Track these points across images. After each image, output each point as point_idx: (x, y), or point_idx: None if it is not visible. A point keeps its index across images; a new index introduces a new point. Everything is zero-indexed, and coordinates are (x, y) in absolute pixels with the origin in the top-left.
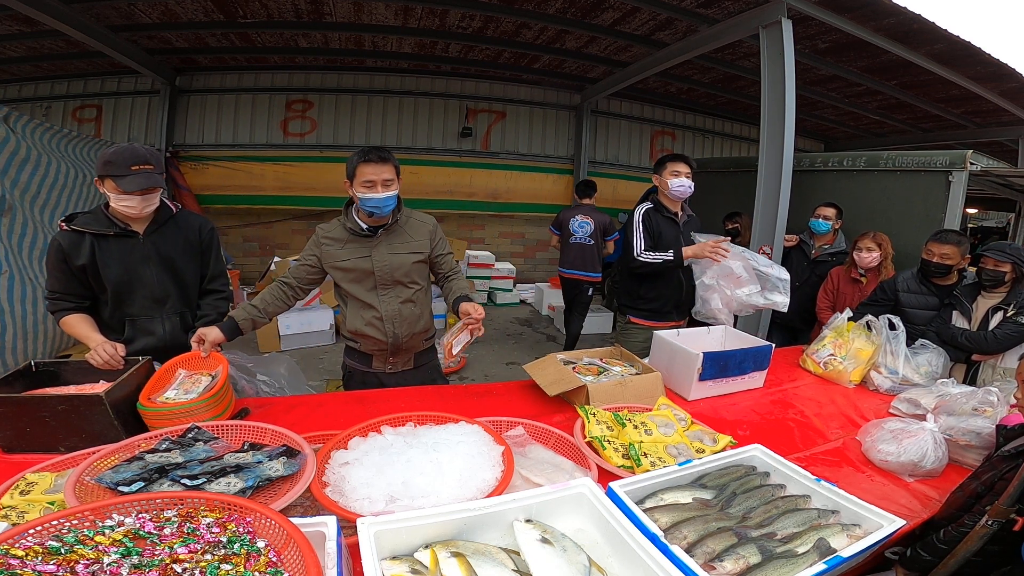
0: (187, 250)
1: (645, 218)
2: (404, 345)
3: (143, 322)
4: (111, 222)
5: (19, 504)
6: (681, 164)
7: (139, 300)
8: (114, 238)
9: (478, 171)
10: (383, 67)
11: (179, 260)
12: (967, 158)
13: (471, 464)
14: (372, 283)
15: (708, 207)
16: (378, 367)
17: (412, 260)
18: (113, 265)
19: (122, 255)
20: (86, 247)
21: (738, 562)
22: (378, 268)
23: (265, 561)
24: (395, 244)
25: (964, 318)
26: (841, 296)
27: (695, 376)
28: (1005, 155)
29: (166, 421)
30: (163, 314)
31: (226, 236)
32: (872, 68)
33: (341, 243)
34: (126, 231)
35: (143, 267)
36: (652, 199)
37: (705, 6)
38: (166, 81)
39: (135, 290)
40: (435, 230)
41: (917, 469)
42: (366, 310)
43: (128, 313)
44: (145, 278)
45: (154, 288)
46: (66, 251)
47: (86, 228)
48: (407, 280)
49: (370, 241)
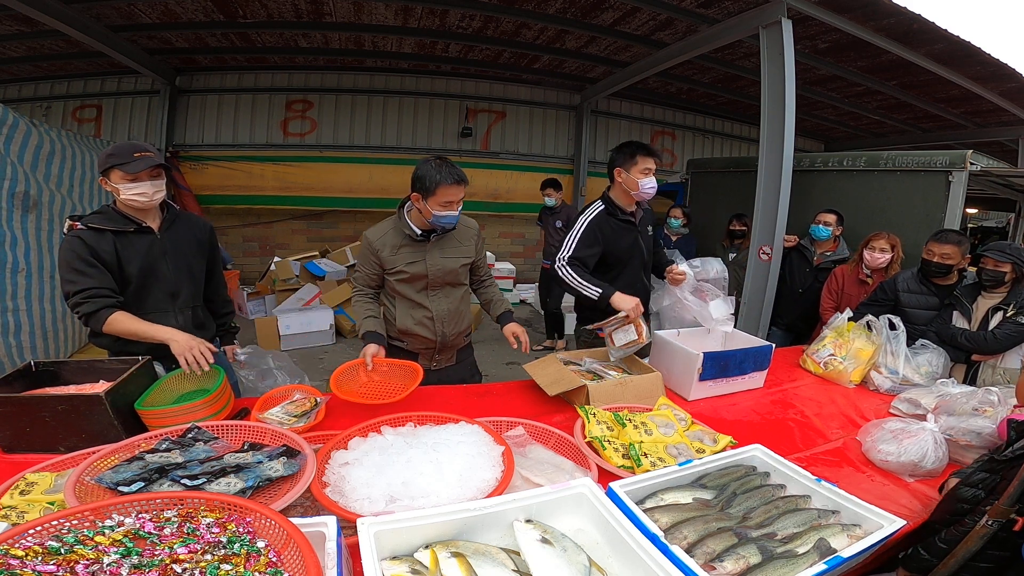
0: (197, 247)
1: (592, 228)
2: (450, 343)
3: (158, 316)
4: (127, 219)
5: (19, 504)
6: (653, 160)
7: (155, 295)
8: (134, 234)
9: (478, 171)
10: (383, 67)
11: (190, 256)
12: (967, 158)
13: (471, 464)
14: (424, 284)
15: (708, 207)
16: (423, 363)
17: (461, 263)
18: (135, 260)
19: (142, 251)
20: (108, 244)
21: (738, 562)
22: (431, 271)
23: (265, 561)
24: (446, 248)
25: (964, 318)
26: (846, 297)
27: (695, 376)
28: (1005, 155)
29: (165, 421)
30: (176, 308)
31: (226, 236)
32: (872, 68)
33: (395, 248)
34: (143, 227)
35: (160, 262)
36: (604, 198)
37: (705, 6)
38: (166, 81)
39: (152, 285)
40: (478, 235)
41: (917, 469)
42: (417, 310)
43: (144, 308)
44: (162, 273)
45: (169, 283)
46: (91, 246)
47: (105, 225)
48: (455, 281)
49: (423, 246)
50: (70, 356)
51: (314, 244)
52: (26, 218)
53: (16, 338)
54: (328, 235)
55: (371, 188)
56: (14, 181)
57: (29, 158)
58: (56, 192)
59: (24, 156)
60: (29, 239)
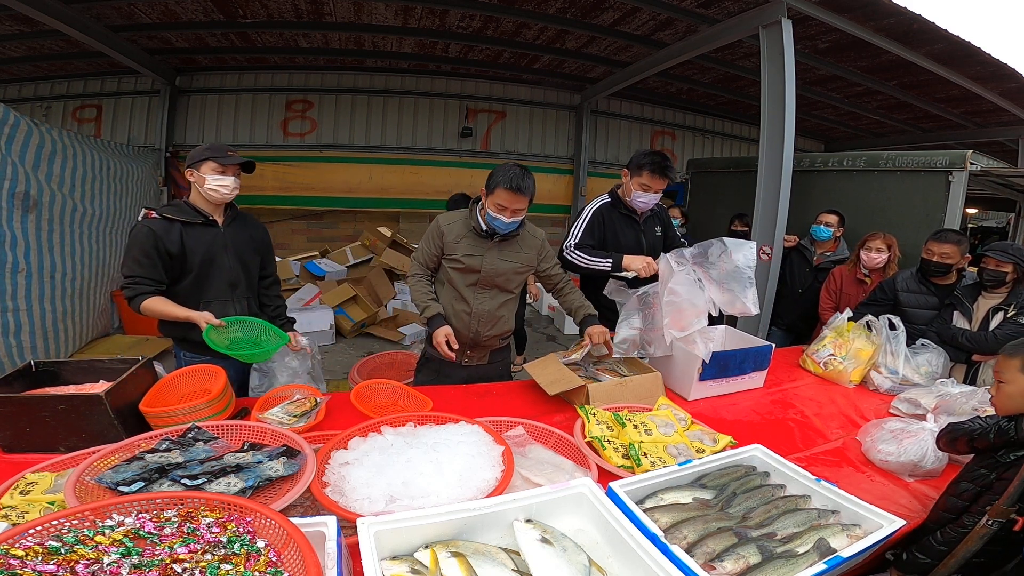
0: (254, 245)
1: (596, 217)
2: (483, 342)
3: (218, 305)
4: (197, 212)
5: (19, 504)
6: (658, 180)
7: (216, 284)
8: (201, 226)
9: (478, 171)
10: (383, 67)
11: (247, 252)
12: (967, 158)
13: (471, 464)
14: (475, 280)
15: (708, 207)
16: (455, 358)
17: (516, 269)
18: (199, 250)
19: (206, 242)
20: (176, 234)
21: (738, 562)
22: (486, 268)
23: (265, 561)
24: (506, 251)
25: (965, 318)
26: (845, 297)
27: (695, 376)
28: (1005, 155)
29: (168, 420)
30: (234, 298)
31: None
32: (872, 68)
33: (460, 236)
34: (209, 220)
35: (222, 254)
36: (611, 192)
37: (705, 6)
38: (166, 81)
39: (214, 275)
40: (543, 244)
41: (917, 469)
42: (459, 303)
43: (205, 296)
44: (223, 264)
45: (229, 274)
46: (159, 236)
47: (176, 216)
48: (505, 286)
49: (486, 243)
50: (70, 356)
51: (314, 244)
52: (26, 218)
53: (16, 338)
54: (328, 235)
55: (371, 188)
56: (14, 181)
57: (31, 158)
58: (58, 192)
59: (26, 156)
60: (29, 239)
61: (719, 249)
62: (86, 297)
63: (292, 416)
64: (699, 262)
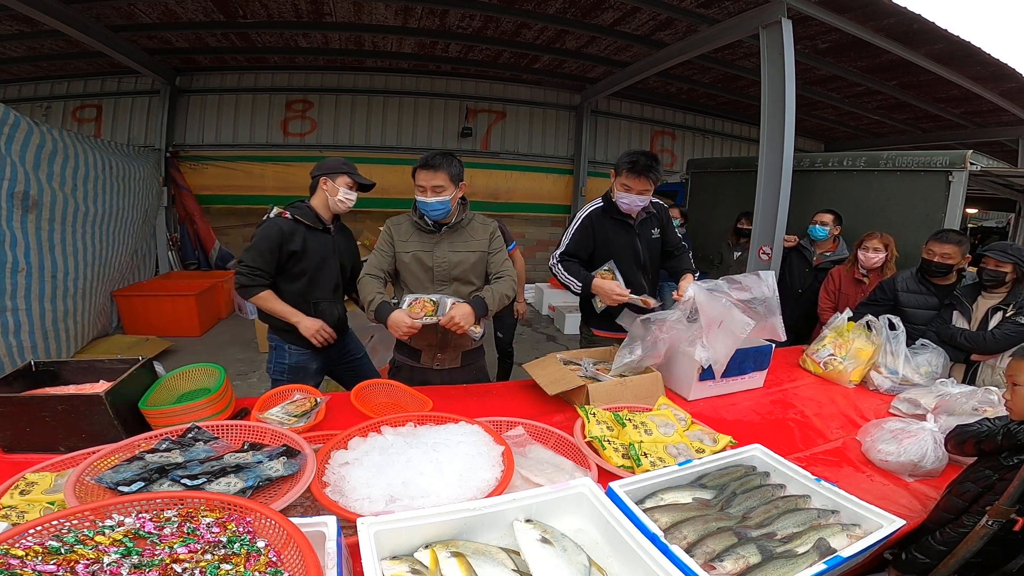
0: (351, 252)
1: (585, 223)
2: (452, 342)
3: (326, 304)
4: (318, 219)
5: (19, 504)
6: (639, 181)
7: (324, 285)
8: (320, 232)
9: (478, 171)
10: (383, 67)
11: (346, 257)
12: (967, 158)
13: (471, 464)
14: (431, 278)
15: (708, 207)
16: (426, 363)
17: (472, 259)
18: (315, 253)
19: (321, 246)
20: (300, 235)
21: (738, 562)
22: (437, 263)
23: (265, 561)
24: (457, 243)
25: (964, 318)
26: (843, 297)
27: (695, 376)
28: (1005, 155)
29: (168, 420)
30: (336, 298)
31: (226, 236)
32: (872, 68)
33: (407, 234)
34: (326, 227)
35: (331, 258)
36: (605, 196)
37: (705, 6)
38: (166, 81)
39: (323, 277)
40: (494, 231)
41: (917, 469)
42: None
43: (315, 296)
44: (331, 267)
45: (334, 276)
46: (286, 235)
47: (304, 219)
48: (464, 278)
49: (433, 237)
50: (70, 356)
51: None
52: (26, 218)
53: (16, 338)
54: None
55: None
56: (14, 180)
57: (31, 157)
58: (59, 191)
59: (26, 155)
60: (29, 239)
61: (752, 280)
62: (86, 297)
63: (292, 416)
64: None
